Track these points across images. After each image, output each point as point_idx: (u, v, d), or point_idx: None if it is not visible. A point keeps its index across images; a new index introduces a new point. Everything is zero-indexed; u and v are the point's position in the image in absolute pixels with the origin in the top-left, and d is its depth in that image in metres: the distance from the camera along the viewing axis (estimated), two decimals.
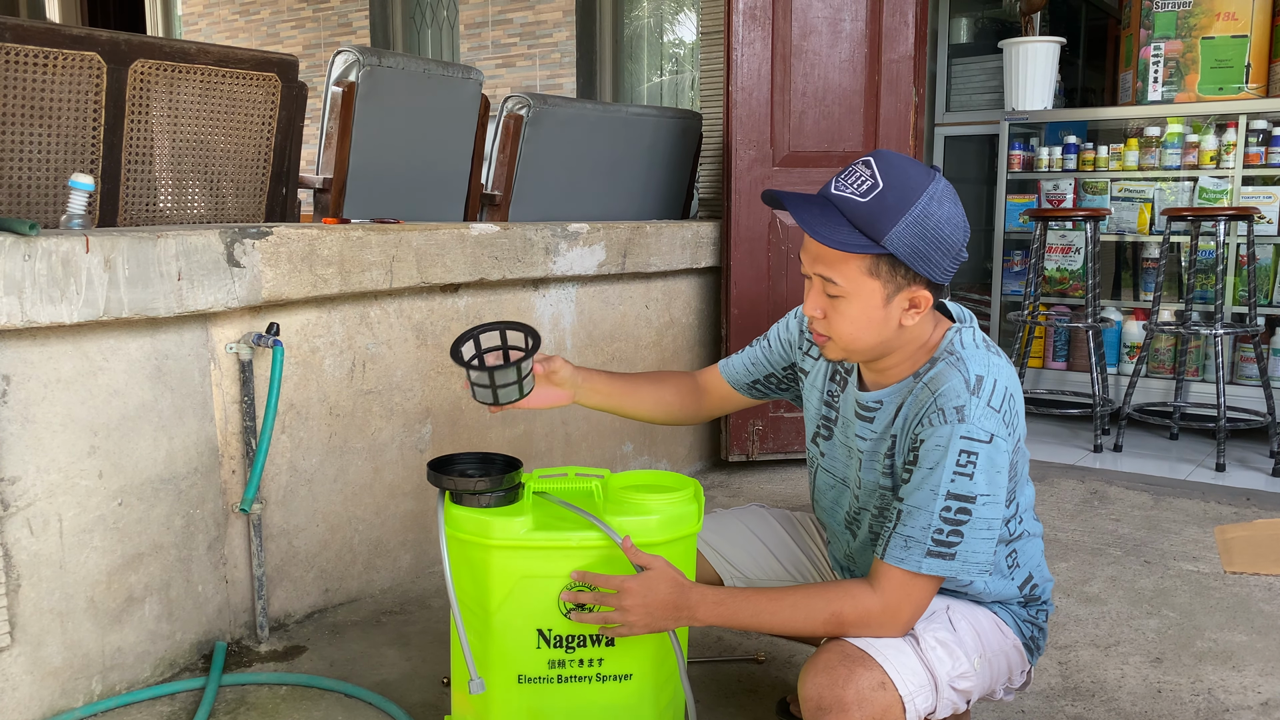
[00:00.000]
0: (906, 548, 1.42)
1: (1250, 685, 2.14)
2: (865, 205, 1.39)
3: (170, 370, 2.06)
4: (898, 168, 1.41)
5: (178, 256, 1.98)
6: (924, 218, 1.39)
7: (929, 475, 1.41)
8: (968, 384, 1.42)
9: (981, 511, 1.41)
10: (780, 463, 3.80)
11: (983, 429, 1.40)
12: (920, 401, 1.46)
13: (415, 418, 2.63)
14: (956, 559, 1.41)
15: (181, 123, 2.34)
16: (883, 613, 1.44)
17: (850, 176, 1.43)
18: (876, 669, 1.41)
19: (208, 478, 2.16)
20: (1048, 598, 1.67)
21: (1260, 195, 4.02)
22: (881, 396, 1.54)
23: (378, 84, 2.88)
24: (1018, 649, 1.62)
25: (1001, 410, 1.43)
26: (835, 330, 1.47)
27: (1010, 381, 1.47)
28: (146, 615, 2.07)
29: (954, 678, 1.47)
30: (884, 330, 1.46)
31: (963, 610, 1.57)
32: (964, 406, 1.40)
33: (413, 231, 2.51)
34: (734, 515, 1.94)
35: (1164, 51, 4.23)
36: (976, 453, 1.39)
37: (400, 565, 2.65)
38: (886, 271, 1.42)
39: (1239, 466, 3.74)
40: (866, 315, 1.44)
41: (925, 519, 1.41)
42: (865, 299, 1.43)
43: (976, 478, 1.39)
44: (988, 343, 1.52)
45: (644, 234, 3.29)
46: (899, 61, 3.61)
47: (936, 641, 1.48)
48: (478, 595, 1.65)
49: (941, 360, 1.48)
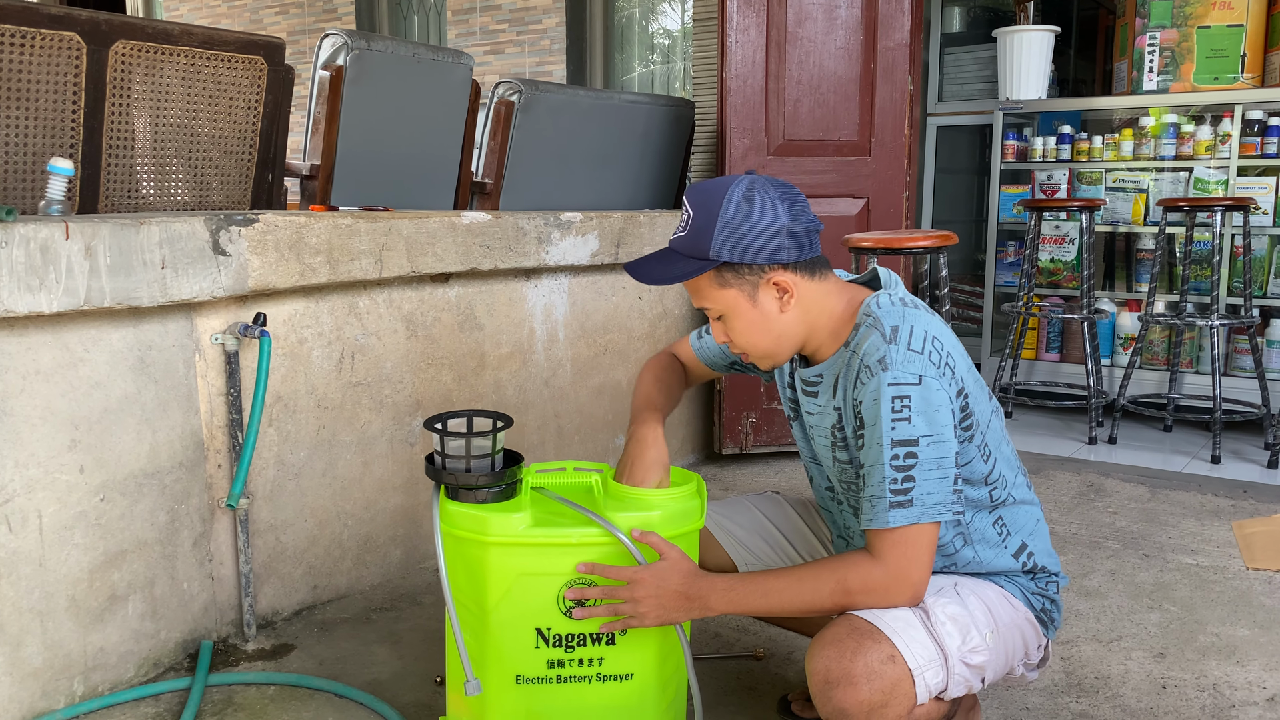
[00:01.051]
0: (873, 508, 1.43)
1: (1255, 680, 2.11)
2: (686, 236, 1.50)
3: (154, 361, 2.00)
4: (701, 190, 1.51)
5: (161, 244, 1.92)
6: (733, 219, 1.47)
7: (873, 431, 1.43)
8: (884, 335, 1.45)
9: (927, 452, 1.41)
10: (774, 455, 3.76)
11: (908, 372, 1.42)
12: (850, 367, 1.50)
13: (405, 410, 2.58)
14: (915, 504, 1.41)
15: (164, 106, 2.27)
16: (885, 576, 1.44)
17: (679, 221, 1.57)
18: (885, 642, 1.40)
19: (192, 472, 2.10)
20: (1056, 569, 1.65)
21: (1256, 186, 4.00)
22: (820, 370, 1.58)
23: (366, 68, 2.81)
24: (1030, 622, 1.60)
25: (925, 351, 1.44)
26: (740, 343, 1.55)
27: (930, 326, 1.48)
28: (130, 614, 2.01)
29: (965, 652, 1.46)
30: (772, 326, 1.52)
31: (970, 585, 1.56)
32: (885, 356, 1.43)
33: (403, 219, 2.45)
34: (747, 499, 1.94)
35: (1159, 41, 4.19)
36: (908, 395, 1.41)
37: (390, 561, 2.59)
38: (733, 277, 1.49)
39: (1234, 458, 3.72)
40: (747, 320, 1.51)
41: (880, 473, 1.42)
42: (736, 307, 1.51)
43: (915, 420, 1.40)
44: (905, 299, 1.54)
45: (638, 223, 3.24)
46: (895, 49, 3.56)
47: (946, 616, 1.47)
48: (474, 593, 1.60)
49: (863, 325, 1.51)
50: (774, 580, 1.49)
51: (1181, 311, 4.00)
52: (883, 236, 2.87)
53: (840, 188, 3.61)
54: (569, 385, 3.09)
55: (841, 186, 3.61)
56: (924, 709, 1.41)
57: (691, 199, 1.52)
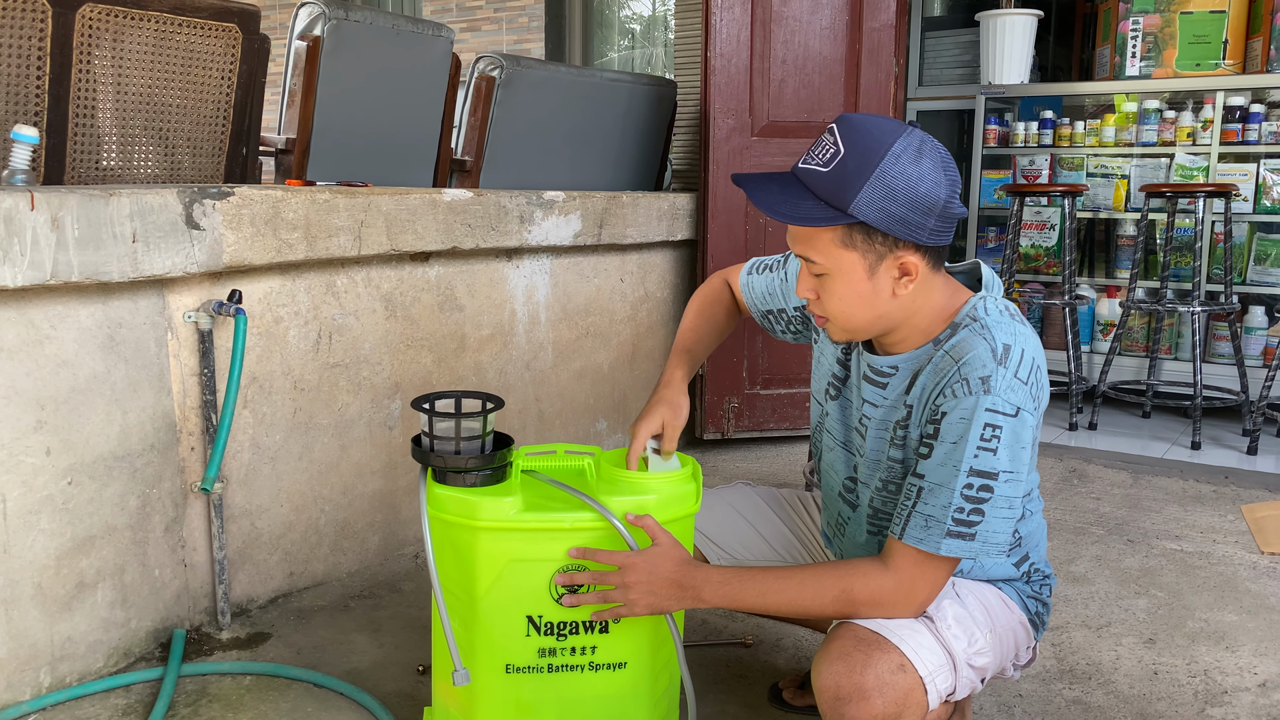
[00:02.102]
0: (927, 527, 1.34)
1: (1246, 666, 2.10)
2: (827, 175, 1.32)
3: (124, 340, 1.92)
4: (861, 130, 1.32)
5: (132, 217, 1.84)
6: (890, 177, 1.30)
7: (952, 450, 1.33)
8: (994, 353, 1.33)
9: (1003, 489, 1.33)
10: (757, 440, 3.73)
11: (1009, 402, 1.31)
12: (941, 370, 1.37)
13: (384, 393, 2.51)
14: (977, 539, 1.33)
15: (133, 74, 2.18)
16: (895, 592, 1.37)
17: (817, 148, 1.35)
18: (894, 651, 1.33)
19: (165, 455, 2.02)
20: (1049, 572, 1.62)
21: (1236, 172, 4.00)
22: (896, 362, 1.46)
23: (344, 39, 2.72)
24: (1024, 624, 1.56)
25: (1029, 383, 1.35)
26: (829, 310, 1.40)
27: (1037, 353, 1.39)
28: (99, 602, 1.93)
29: (971, 655, 1.41)
30: (877, 304, 1.38)
31: (969, 586, 1.51)
32: (990, 377, 1.32)
33: (382, 196, 2.38)
34: (719, 495, 1.86)
35: (1142, 26, 4.18)
36: (1001, 426, 1.31)
37: (368, 547, 2.53)
38: (862, 240, 1.33)
39: (1214, 445, 3.73)
40: (854, 290, 1.37)
41: (946, 497, 1.33)
42: (848, 273, 1.36)
43: (1000, 453, 1.31)
44: (1013, 311, 1.43)
45: (620, 204, 3.18)
46: (880, 30, 3.52)
47: (953, 619, 1.41)
48: (463, 580, 1.54)
49: (964, 327, 1.39)
50: (773, 580, 1.42)
51: (1162, 298, 4.01)
52: None
53: None
54: (550, 368, 3.03)
55: None
56: (934, 714, 1.37)
57: (846, 134, 1.32)
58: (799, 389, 3.64)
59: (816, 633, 2.21)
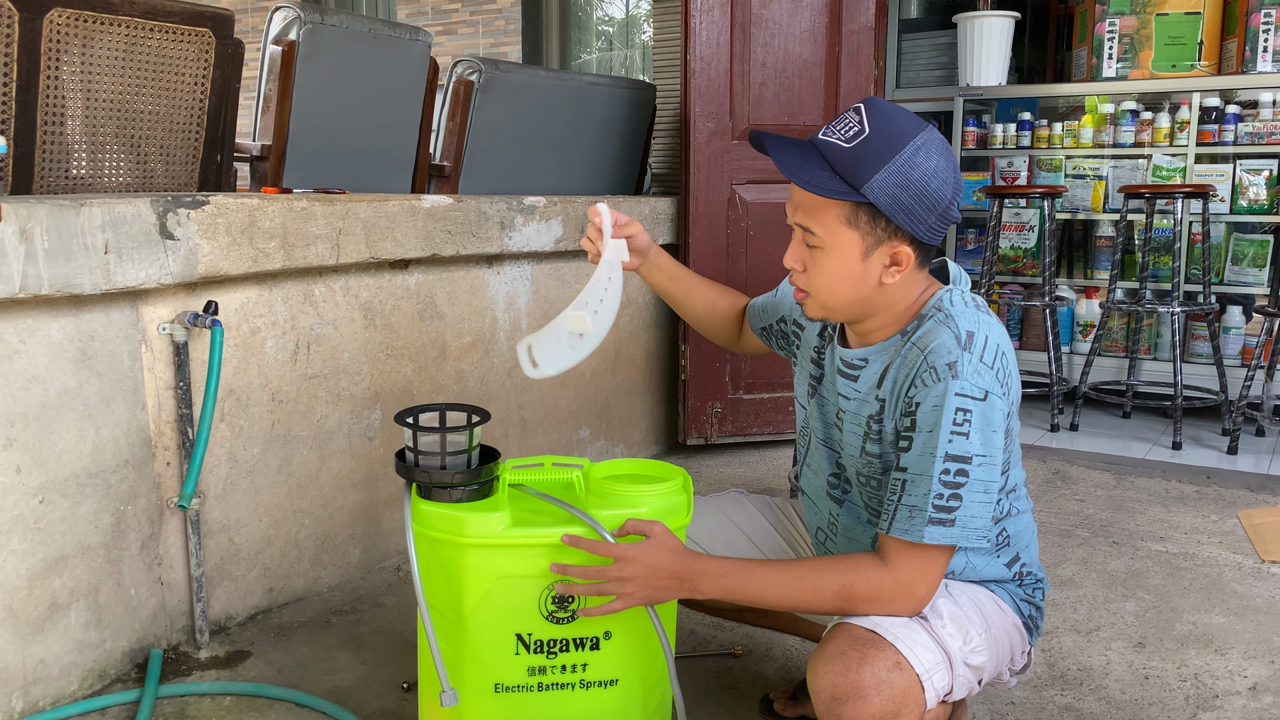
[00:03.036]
0: (911, 518, 1.35)
1: (1235, 669, 2.10)
2: (848, 151, 1.34)
3: (97, 353, 1.87)
4: (887, 115, 1.35)
5: (104, 227, 1.79)
6: (908, 168, 1.33)
7: (929, 439, 1.34)
8: (958, 339, 1.35)
9: (978, 473, 1.34)
10: (740, 445, 3.71)
11: (976, 385, 1.33)
12: (910, 361, 1.39)
13: (364, 403, 2.46)
14: (956, 525, 1.34)
15: (104, 80, 2.13)
16: (895, 587, 1.36)
17: (840, 123, 1.37)
18: (889, 649, 1.32)
19: (140, 471, 1.97)
20: (1042, 575, 1.60)
21: (1213, 173, 4.02)
22: (866, 354, 1.47)
23: (320, 43, 2.67)
24: (1018, 628, 1.55)
25: (994, 367, 1.36)
26: (813, 284, 1.41)
27: (1001, 339, 1.40)
28: (73, 623, 1.88)
29: (967, 653, 1.40)
30: (862, 287, 1.40)
31: (961, 587, 1.50)
32: (956, 362, 1.33)
33: (361, 203, 2.34)
34: (711, 503, 1.84)
35: (1119, 28, 4.20)
36: (971, 410, 1.32)
37: (349, 561, 2.48)
38: (866, 222, 1.36)
39: (1194, 444, 3.74)
40: (845, 269, 1.38)
41: (926, 484, 1.34)
42: (843, 250, 1.37)
43: (972, 437, 1.32)
44: (978, 302, 1.45)
45: None
46: (860, 32, 3.51)
47: (949, 618, 1.41)
48: (449, 598, 1.50)
49: (930, 318, 1.41)
50: (772, 574, 1.41)
51: (1141, 298, 4.02)
52: None
53: None
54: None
55: None
56: (932, 714, 1.35)
57: (873, 116, 1.34)
58: (782, 393, 3.62)
59: (806, 642, 2.18)
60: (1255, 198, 3.99)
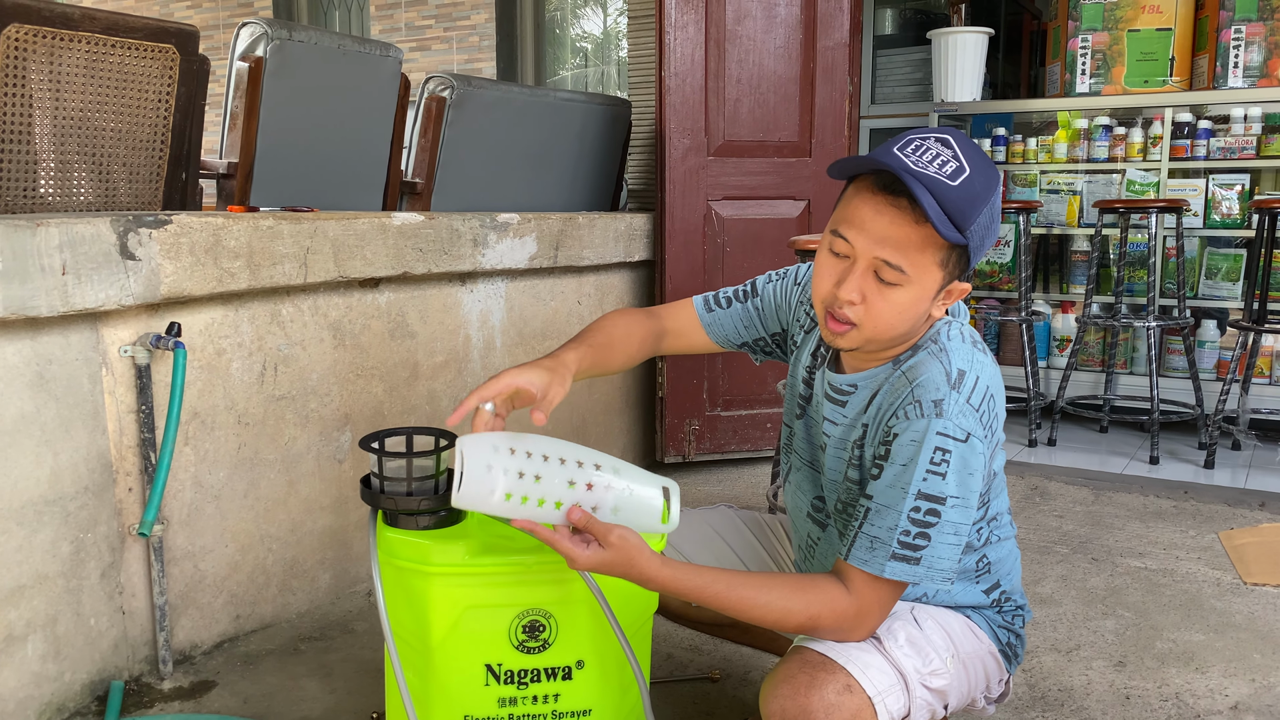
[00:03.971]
0: (872, 549, 1.31)
1: (1217, 688, 2.08)
2: (956, 190, 1.25)
3: (54, 377, 1.82)
4: (976, 150, 1.30)
5: (62, 248, 1.74)
6: (995, 208, 1.30)
7: (901, 472, 1.30)
8: (948, 376, 1.31)
9: (950, 515, 1.30)
10: (718, 463, 3.68)
11: (959, 427, 1.29)
12: (896, 390, 1.35)
13: (333, 425, 2.42)
14: (921, 564, 1.30)
15: (65, 97, 2.08)
16: (855, 616, 1.33)
17: (925, 152, 1.27)
18: (840, 672, 1.30)
19: (100, 497, 1.92)
20: (1023, 603, 1.57)
21: (1186, 188, 4.04)
22: (856, 380, 1.43)
23: (287, 59, 2.63)
24: (994, 655, 1.52)
25: (980, 410, 1.32)
26: (873, 318, 1.31)
27: (993, 381, 1.37)
28: (29, 655, 1.82)
29: (925, 675, 1.37)
30: (918, 320, 1.35)
31: (930, 611, 1.47)
32: (942, 400, 1.29)
33: (329, 221, 2.30)
34: (700, 516, 1.81)
35: (1091, 44, 4.22)
36: (951, 451, 1.28)
37: (319, 586, 2.43)
38: (954, 262, 1.30)
39: (1171, 459, 3.74)
40: (916, 305, 1.31)
41: (893, 519, 1.30)
42: (923, 289, 1.30)
43: (949, 478, 1.29)
44: (975, 339, 1.41)
45: (576, 225, 3.12)
46: (834, 49, 3.50)
47: (904, 639, 1.38)
48: (417, 629, 1.46)
49: (924, 349, 1.37)
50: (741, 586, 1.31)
51: (1117, 313, 4.03)
52: None
53: (781, 189, 3.54)
54: None
55: (782, 188, 3.54)
56: None
57: (968, 151, 1.27)
58: (760, 410, 3.60)
59: None
60: (1228, 212, 4.01)
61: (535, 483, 1.26)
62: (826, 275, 1.34)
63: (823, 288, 1.35)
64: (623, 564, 1.26)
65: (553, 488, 1.27)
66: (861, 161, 1.28)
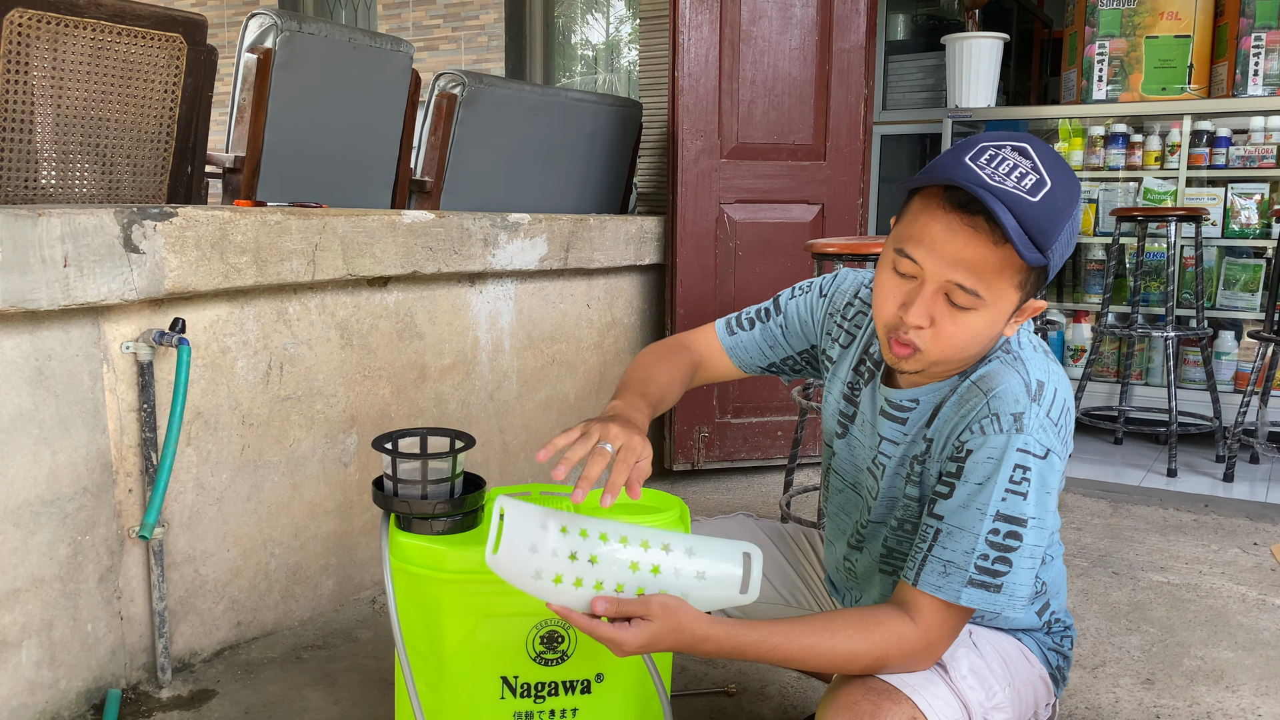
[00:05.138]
0: (945, 574, 1.21)
1: (1249, 707, 2.01)
2: (1036, 206, 1.14)
3: (54, 373, 1.75)
4: (1056, 159, 1.18)
5: (64, 239, 1.68)
6: (1076, 223, 1.20)
7: (977, 492, 1.21)
8: (1028, 388, 1.22)
9: (1030, 537, 1.21)
10: (728, 471, 3.61)
11: (1040, 443, 1.20)
12: (968, 402, 1.25)
13: (339, 427, 2.35)
14: (1003, 591, 1.21)
15: (68, 86, 2.02)
16: (924, 650, 1.24)
17: (1001, 163, 1.15)
18: (906, 703, 1.21)
19: (99, 498, 1.85)
20: (1070, 623, 1.51)
21: (1205, 196, 3.98)
22: (918, 395, 1.33)
23: (297, 52, 2.58)
24: (1044, 680, 1.45)
25: (1059, 424, 1.24)
26: (942, 343, 1.21)
27: (1068, 394, 1.29)
28: (24, 661, 1.75)
29: (989, 709, 1.29)
30: (991, 344, 1.25)
31: (988, 636, 1.39)
32: (1023, 414, 1.20)
33: (338, 217, 2.24)
34: (717, 526, 1.73)
35: (1109, 50, 4.17)
36: (1031, 468, 1.19)
37: (322, 593, 2.36)
38: (1032, 283, 1.20)
39: (1189, 471, 3.68)
40: (990, 330, 1.21)
41: (969, 542, 1.20)
42: (998, 312, 1.20)
43: (1030, 497, 1.20)
44: (1045, 348, 1.33)
45: (587, 227, 3.06)
46: (850, 51, 3.45)
47: (969, 669, 1.30)
48: (429, 638, 1.39)
49: (995, 358, 1.27)
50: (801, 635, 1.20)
51: (1133, 323, 3.97)
52: (847, 242, 2.74)
53: (795, 193, 3.48)
54: (515, 399, 2.89)
55: (796, 192, 3.48)
56: None
57: (1048, 162, 1.16)
58: (771, 417, 3.53)
59: (803, 677, 2.09)
60: (1247, 221, 3.95)
61: (591, 565, 1.14)
62: (890, 296, 1.23)
63: (886, 310, 1.24)
64: (672, 633, 1.15)
65: (611, 571, 1.15)
66: (935, 175, 1.17)
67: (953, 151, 1.20)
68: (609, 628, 1.14)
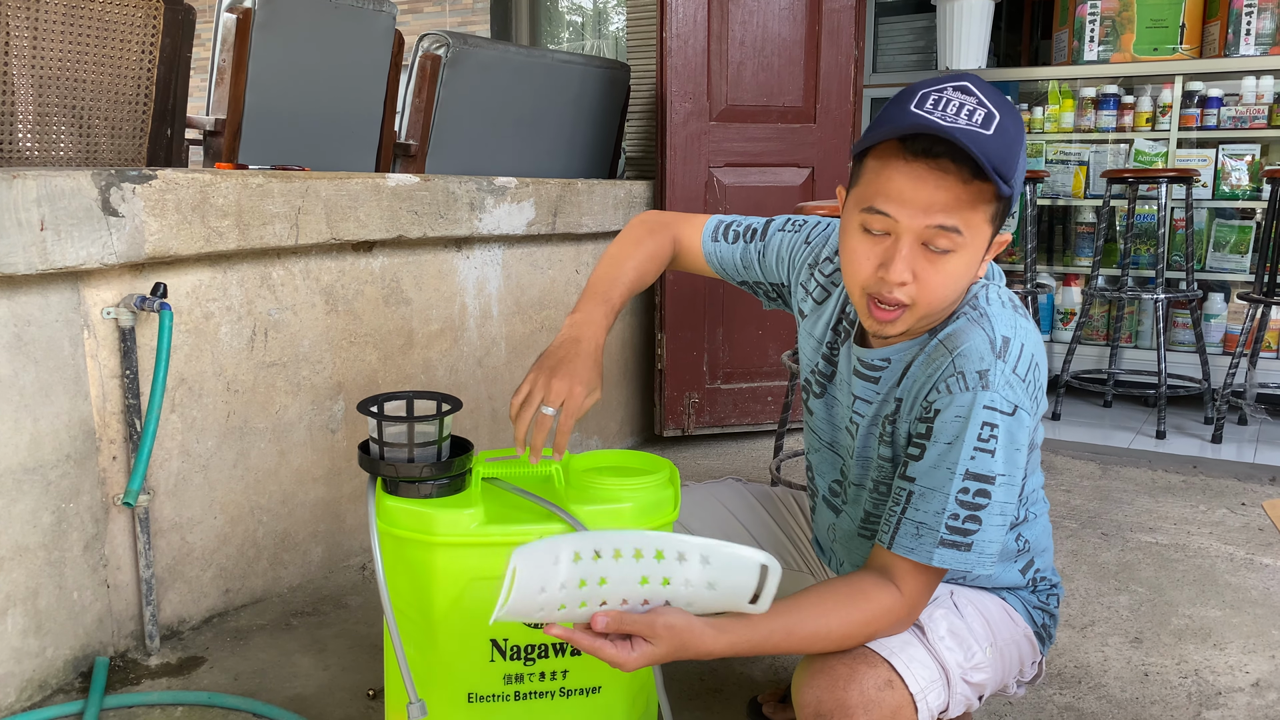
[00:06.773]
0: (918, 535, 1.21)
1: (1236, 664, 2.02)
2: (993, 140, 1.13)
3: (33, 339, 1.73)
4: (994, 91, 1.18)
5: (39, 202, 1.65)
6: (1025, 150, 1.20)
7: (946, 451, 1.20)
8: (992, 345, 1.21)
9: (999, 494, 1.21)
10: (718, 437, 3.60)
11: (1007, 399, 1.19)
12: (934, 361, 1.24)
13: (325, 393, 2.33)
14: (973, 550, 1.20)
15: (44, 47, 1.98)
16: (902, 609, 1.23)
17: (948, 105, 1.14)
18: (882, 665, 1.21)
19: (82, 466, 1.83)
20: (1056, 580, 1.50)
21: (1195, 158, 3.97)
22: (889, 354, 1.32)
23: (278, 12, 2.53)
24: (1029, 638, 1.45)
25: (1027, 379, 1.23)
26: (928, 293, 1.19)
27: (1037, 349, 1.27)
28: (9, 630, 1.74)
29: (967, 669, 1.29)
30: (970, 283, 1.24)
31: (969, 595, 1.38)
32: (988, 371, 1.19)
33: (321, 180, 2.20)
34: (707, 490, 1.73)
35: (1100, 10, 4.13)
36: (999, 425, 1.19)
37: (311, 559, 2.35)
38: (999, 215, 1.20)
39: (1178, 434, 3.69)
40: (969, 269, 1.20)
41: (940, 502, 1.20)
42: (975, 250, 1.19)
43: (998, 455, 1.19)
44: (1015, 302, 1.31)
45: (575, 192, 3.03)
46: (840, 11, 3.41)
47: (946, 630, 1.29)
48: (418, 602, 1.39)
49: (962, 315, 1.26)
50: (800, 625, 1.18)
51: (1123, 285, 3.96)
52: (837, 205, 2.71)
53: (784, 156, 3.45)
54: (503, 365, 2.87)
55: (786, 155, 3.45)
56: None
57: (989, 95, 1.16)
58: (761, 383, 3.52)
59: None
60: (1238, 183, 3.94)
61: (600, 586, 1.10)
62: (865, 259, 1.20)
63: (863, 272, 1.21)
64: (677, 653, 1.13)
65: (620, 589, 1.11)
66: (888, 129, 1.15)
67: (896, 103, 1.18)
68: (611, 648, 1.11)
